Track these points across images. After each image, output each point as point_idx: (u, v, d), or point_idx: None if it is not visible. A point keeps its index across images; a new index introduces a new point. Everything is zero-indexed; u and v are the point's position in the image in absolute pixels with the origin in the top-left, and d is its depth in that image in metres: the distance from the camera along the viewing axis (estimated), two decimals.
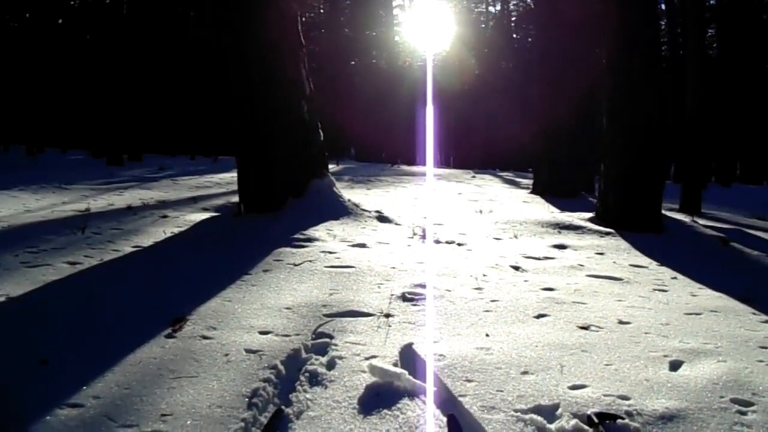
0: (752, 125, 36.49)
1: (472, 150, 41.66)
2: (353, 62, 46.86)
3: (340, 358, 3.83)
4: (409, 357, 3.81)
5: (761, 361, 4.05)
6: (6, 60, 34.20)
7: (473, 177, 22.61)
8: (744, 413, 3.26)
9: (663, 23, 37.62)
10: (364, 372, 3.60)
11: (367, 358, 3.76)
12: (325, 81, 33.46)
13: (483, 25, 50.71)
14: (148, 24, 35.30)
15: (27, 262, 6.27)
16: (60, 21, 40.59)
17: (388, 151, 39.64)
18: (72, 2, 44.57)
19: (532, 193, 16.07)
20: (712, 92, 30.62)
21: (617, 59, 10.15)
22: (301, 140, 9.64)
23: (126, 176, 18.79)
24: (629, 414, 3.19)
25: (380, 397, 3.29)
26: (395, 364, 3.67)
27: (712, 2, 40.23)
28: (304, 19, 10.30)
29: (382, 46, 45.61)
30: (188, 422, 3.01)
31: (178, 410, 3.11)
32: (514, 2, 50.26)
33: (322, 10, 48.79)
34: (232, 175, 15.31)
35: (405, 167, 27.28)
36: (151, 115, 34.82)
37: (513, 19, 51.04)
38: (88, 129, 34.42)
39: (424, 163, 32.92)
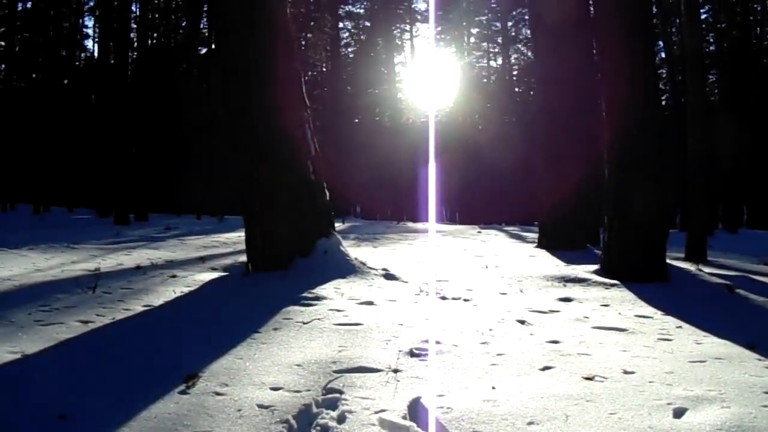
0: (759, 170, 36.64)
1: (477, 205, 41.79)
2: (357, 120, 47.28)
3: (350, 412, 3.91)
4: (417, 410, 3.90)
5: (765, 406, 4.10)
6: (12, 120, 34.59)
7: (478, 232, 22.72)
8: None
9: (664, 71, 38.01)
10: (374, 425, 3.68)
11: (376, 412, 3.84)
12: (329, 139, 33.78)
13: (485, 80, 51.16)
14: (154, 84, 35.76)
15: (40, 321, 6.38)
16: (65, 81, 41.11)
17: (393, 209, 39.86)
18: (77, 63, 45.19)
19: (537, 247, 16.14)
20: (716, 138, 30.83)
21: (617, 113, 10.31)
22: (307, 200, 9.80)
23: (133, 236, 18.94)
24: None
25: None
26: (404, 418, 3.75)
27: (712, 48, 40.63)
28: (306, 78, 10.50)
29: (384, 103, 46.05)
30: None
31: None
32: (515, 56, 50.80)
33: (324, 69, 49.35)
34: (238, 235, 15.45)
35: (410, 224, 27.47)
36: (157, 174, 35.11)
37: (515, 73, 51.52)
38: (94, 188, 34.76)
39: (429, 220, 33.07)
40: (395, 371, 4.77)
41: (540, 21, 16.41)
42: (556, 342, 5.93)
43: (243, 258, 10.58)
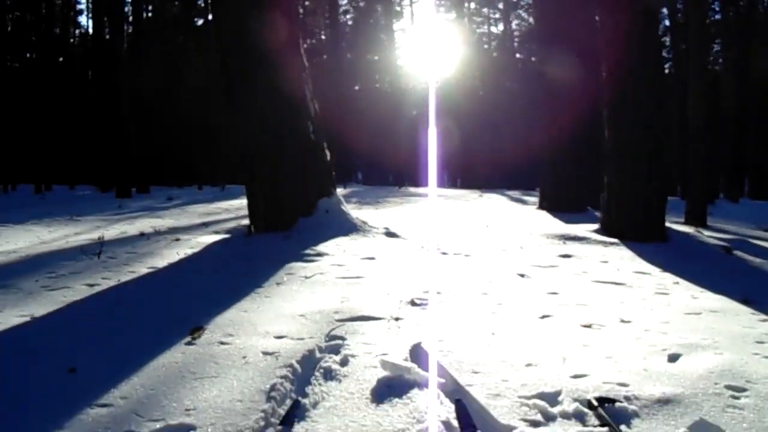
0: (761, 141, 36.61)
1: (478, 170, 41.73)
2: (357, 87, 47.19)
3: (353, 356, 4.01)
4: (418, 353, 3.99)
5: (757, 353, 4.20)
6: (9, 100, 34.50)
7: (480, 196, 22.77)
8: (737, 398, 3.40)
9: (667, 39, 37.86)
10: (375, 367, 3.77)
11: (378, 356, 3.93)
12: (329, 106, 33.74)
13: (486, 46, 50.97)
14: (150, 57, 35.68)
15: (47, 286, 6.46)
16: (60, 59, 40.94)
17: (394, 174, 39.87)
18: (71, 40, 44.99)
19: (538, 209, 16.22)
20: (718, 108, 30.80)
21: (617, 71, 10.36)
22: (308, 160, 9.86)
23: (135, 207, 19.03)
24: (627, 398, 3.35)
25: (391, 388, 3.47)
26: (405, 360, 3.84)
27: (717, 17, 40.46)
28: (306, 45, 10.55)
29: (384, 69, 45.93)
30: (211, 415, 3.19)
31: (201, 405, 3.29)
32: (517, 22, 50.62)
33: (323, 36, 49.17)
34: (240, 202, 15.52)
35: (412, 189, 27.49)
36: (157, 147, 35.10)
37: (516, 39, 51.33)
38: (94, 164, 34.73)
39: (430, 185, 33.09)
40: (396, 319, 4.87)
41: None
42: (554, 293, 6.04)
43: (246, 222, 10.66)
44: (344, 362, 3.92)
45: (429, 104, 41.72)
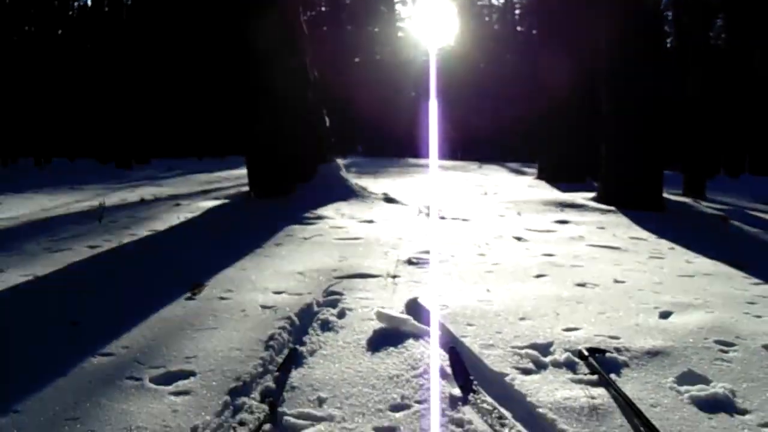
0: (762, 117, 36.52)
1: (478, 143, 41.73)
2: (357, 59, 47.07)
3: (350, 309, 4.09)
4: (414, 307, 4.07)
5: (747, 313, 4.27)
6: (8, 74, 34.39)
7: (479, 167, 22.84)
8: (726, 351, 3.47)
9: (669, 14, 37.74)
10: (372, 320, 3.85)
11: (374, 309, 4.01)
12: (330, 78, 33.73)
13: (487, 18, 50.79)
14: (148, 28, 35.57)
15: (49, 248, 6.53)
16: (59, 32, 40.77)
17: (394, 146, 39.87)
18: (71, 12, 44.78)
19: (537, 179, 16.28)
20: (720, 83, 30.73)
21: (615, 42, 10.39)
22: (307, 126, 9.93)
23: (136, 177, 19.10)
24: (618, 350, 3.43)
25: (387, 338, 3.55)
26: (401, 313, 3.92)
27: None
28: (306, 18, 10.60)
29: (385, 42, 45.81)
30: (210, 362, 3.26)
31: (201, 354, 3.37)
32: None
33: (323, 8, 49.01)
34: (240, 171, 15.58)
35: (411, 160, 27.55)
36: (157, 119, 35.04)
37: (517, 11, 51.13)
38: (94, 136, 34.61)
39: (429, 156, 33.14)
40: (393, 277, 4.95)
41: None
42: (550, 255, 6.12)
43: (245, 189, 10.72)
44: (341, 315, 4.00)
45: (429, 77, 41.69)
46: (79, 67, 37.53)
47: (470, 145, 43.24)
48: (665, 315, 4.14)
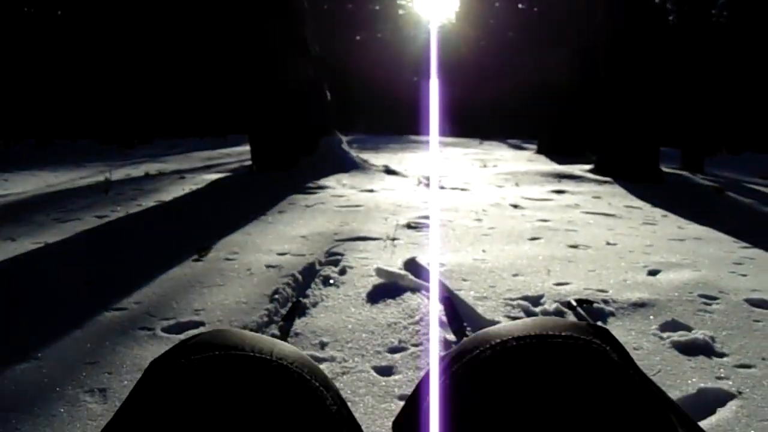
0: (763, 93, 36.53)
1: (480, 121, 41.80)
2: (358, 37, 47.07)
3: (351, 267, 4.28)
4: (412, 265, 4.25)
5: (733, 272, 4.45)
6: (7, 56, 34.44)
7: (480, 143, 23.01)
8: (708, 304, 3.65)
9: None
10: (371, 276, 4.03)
11: (374, 267, 4.19)
12: (329, 56, 33.78)
13: None
14: (148, 7, 35.59)
15: (58, 219, 6.71)
16: (59, 12, 40.79)
17: (396, 124, 39.95)
18: None
19: (537, 153, 16.44)
20: (722, 60, 30.73)
21: (612, 14, 10.53)
22: (309, 99, 10.09)
23: (139, 155, 19.27)
24: (605, 302, 3.61)
25: (386, 291, 3.73)
26: (400, 270, 4.10)
27: None
28: None
29: (385, 19, 45.80)
30: (218, 314, 3.45)
31: (209, 307, 3.55)
32: None
33: None
34: (242, 149, 15.79)
35: (413, 137, 27.70)
36: (158, 98, 35.11)
37: None
38: (96, 117, 34.71)
39: (430, 133, 33.21)
40: (393, 239, 5.13)
41: None
42: (545, 221, 6.30)
43: (248, 163, 10.89)
44: (342, 272, 4.19)
45: (430, 54, 41.70)
46: (80, 48, 37.57)
47: (472, 121, 43.30)
48: (653, 273, 4.32)
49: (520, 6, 50.56)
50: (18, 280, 4.32)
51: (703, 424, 2.38)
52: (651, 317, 3.42)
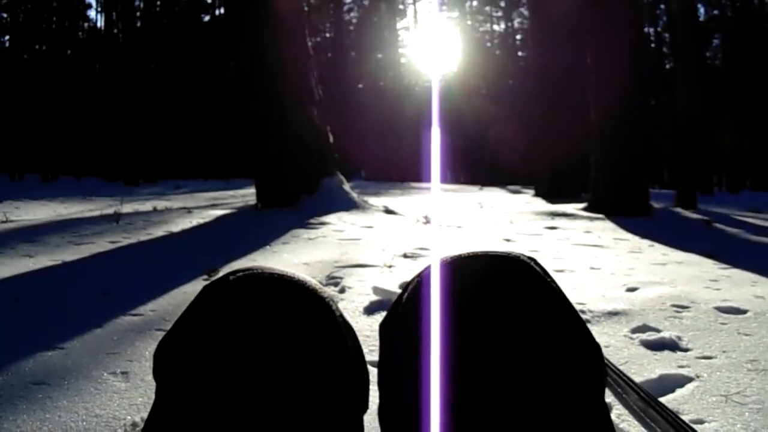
0: (760, 134, 36.93)
1: (480, 168, 42.14)
2: (360, 85, 47.59)
3: (349, 287, 4.58)
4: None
5: (708, 287, 4.75)
6: (17, 91, 34.90)
7: (480, 189, 23.32)
8: (680, 312, 3.94)
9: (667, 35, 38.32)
10: (369, 294, 4.33)
11: (372, 286, 4.50)
12: (333, 104, 34.18)
13: (488, 44, 51.33)
14: (157, 51, 36.13)
15: (73, 242, 7.03)
16: (69, 52, 41.36)
17: (397, 172, 40.27)
18: (80, 33, 45.43)
19: (534, 197, 16.74)
20: (718, 102, 31.19)
21: (602, 57, 10.93)
22: (312, 141, 10.46)
23: (144, 193, 19.64)
24: (582, 311, 3.90)
25: (382, 306, 4.02)
26: (397, 289, 4.41)
27: (715, 12, 41.09)
28: (311, 43, 11.20)
29: (388, 67, 46.30)
30: None
31: None
32: (518, 20, 50.86)
33: (328, 35, 49.64)
34: (246, 191, 16.09)
35: (414, 184, 28.04)
36: (163, 140, 35.54)
37: (518, 37, 51.66)
38: (101, 156, 35.12)
39: (431, 181, 33.51)
40: (389, 267, 5.44)
41: None
42: (535, 251, 6.61)
43: (252, 202, 11.21)
44: (342, 291, 4.49)
45: (432, 102, 42.10)
46: (88, 87, 38.05)
47: (473, 170, 43.63)
48: (632, 289, 4.62)
49: (519, 54, 51.28)
50: (37, 289, 4.63)
51: (662, 400, 2.68)
52: (623, 323, 3.72)
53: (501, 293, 1.01)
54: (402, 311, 1.10)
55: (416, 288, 1.08)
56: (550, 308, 1.04)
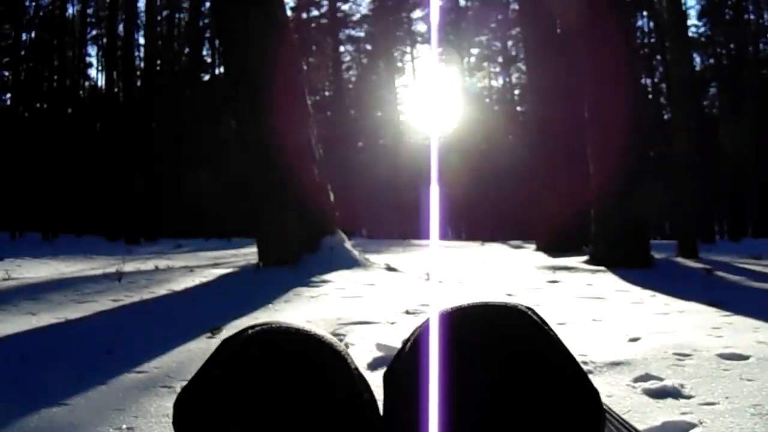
0: (759, 182, 37.02)
1: (482, 225, 42.17)
2: (360, 143, 47.80)
3: (353, 344, 4.60)
4: None
5: (710, 335, 4.75)
6: (18, 149, 35.04)
7: (481, 245, 23.34)
8: (682, 360, 3.95)
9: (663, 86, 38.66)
10: (372, 350, 4.36)
11: (375, 342, 4.52)
12: (333, 162, 34.30)
13: (487, 100, 51.55)
14: (157, 110, 36.37)
15: (75, 300, 7.08)
16: (70, 110, 41.57)
17: (398, 229, 40.30)
18: (81, 92, 45.75)
19: (536, 251, 16.75)
20: (718, 151, 31.36)
21: (598, 112, 11.04)
22: (313, 199, 10.52)
23: (145, 252, 19.65)
24: (584, 362, 3.91)
25: (386, 361, 3.99)
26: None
27: (711, 61, 41.61)
28: (309, 101, 11.36)
29: (387, 125, 46.51)
30: None
31: None
32: (516, 75, 51.11)
33: (327, 93, 50.00)
34: (247, 250, 16.10)
35: (414, 241, 28.05)
36: (164, 199, 35.61)
37: (516, 92, 51.89)
38: (101, 214, 35.14)
39: (432, 236, 33.44)
40: (392, 323, 5.47)
41: (528, 36, 17.28)
42: (537, 305, 6.60)
43: (254, 261, 11.24)
44: (345, 346, 4.50)
45: (431, 159, 42.14)
46: (88, 145, 38.20)
47: (474, 226, 43.66)
48: (633, 340, 4.62)
49: (518, 109, 51.53)
50: (41, 346, 4.66)
51: None
52: (627, 372, 3.72)
53: (499, 341, 1.05)
54: (405, 360, 1.14)
55: (418, 338, 1.12)
56: (548, 355, 1.08)
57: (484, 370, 1.01)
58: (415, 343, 1.13)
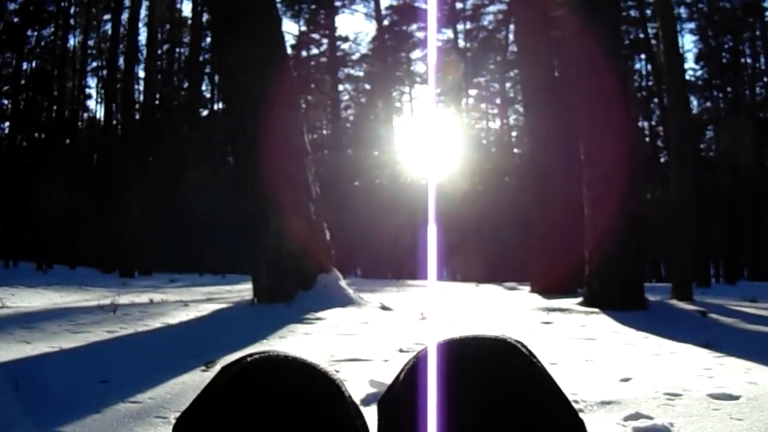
0: (755, 224, 37.14)
1: (477, 266, 42.11)
2: (356, 182, 47.92)
3: (345, 380, 4.59)
4: None
5: (701, 375, 4.82)
6: (14, 178, 35.07)
7: (476, 286, 23.36)
8: (672, 400, 3.99)
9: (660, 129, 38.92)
10: (365, 386, 4.38)
11: (368, 379, 4.54)
12: (330, 201, 34.34)
13: (484, 141, 51.72)
14: (155, 144, 36.49)
15: (70, 330, 7.08)
16: (68, 141, 41.65)
17: (393, 269, 40.25)
18: (79, 123, 45.89)
19: (530, 293, 16.77)
20: (710, 192, 31.49)
21: (593, 153, 11.13)
22: (309, 238, 10.56)
23: (140, 285, 19.61)
24: (575, 401, 3.94)
25: (379, 397, 4.07)
26: None
27: (708, 104, 42.00)
28: (308, 139, 11.46)
29: (384, 164, 46.59)
30: None
31: None
32: (514, 117, 51.34)
33: (325, 131, 50.23)
34: (241, 286, 16.16)
35: (409, 281, 28.06)
36: (160, 232, 35.61)
37: (513, 134, 52.07)
38: (96, 246, 35.14)
39: (427, 278, 33.44)
40: (385, 360, 5.49)
41: (526, 79, 17.43)
42: (530, 344, 6.61)
43: (249, 297, 11.25)
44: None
45: (428, 199, 42.24)
46: (85, 177, 38.27)
47: (469, 267, 43.57)
48: (625, 380, 4.67)
49: (515, 150, 51.68)
50: (35, 375, 4.67)
51: None
52: (617, 412, 3.76)
53: (489, 372, 1.10)
54: (399, 389, 1.19)
55: (412, 368, 1.17)
56: (535, 385, 1.13)
57: (479, 398, 1.06)
58: (410, 373, 1.18)
